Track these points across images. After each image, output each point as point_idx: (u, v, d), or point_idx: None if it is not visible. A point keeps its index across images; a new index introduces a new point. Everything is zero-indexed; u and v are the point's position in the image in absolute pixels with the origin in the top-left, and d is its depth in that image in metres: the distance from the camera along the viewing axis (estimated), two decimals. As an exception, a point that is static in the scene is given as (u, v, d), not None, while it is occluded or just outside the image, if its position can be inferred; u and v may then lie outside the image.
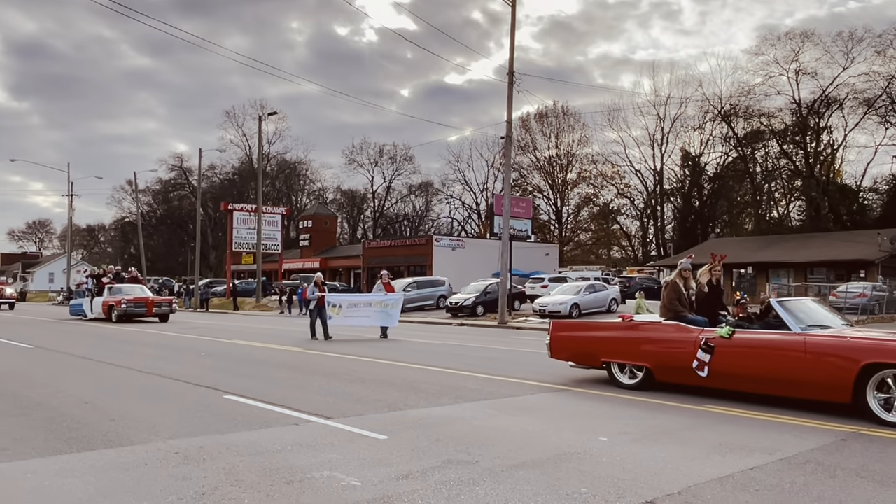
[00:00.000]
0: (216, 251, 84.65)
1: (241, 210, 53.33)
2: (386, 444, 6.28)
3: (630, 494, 4.86)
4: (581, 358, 10.49)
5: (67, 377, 10.77)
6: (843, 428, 7.23)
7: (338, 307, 18.57)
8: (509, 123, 29.49)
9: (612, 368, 9.98)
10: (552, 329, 10.91)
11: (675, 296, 9.59)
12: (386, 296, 19.24)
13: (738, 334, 8.68)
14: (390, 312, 18.73)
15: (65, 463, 5.56)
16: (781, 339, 8.29)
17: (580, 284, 33.00)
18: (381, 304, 18.78)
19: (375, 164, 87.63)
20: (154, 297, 29.18)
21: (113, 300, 26.69)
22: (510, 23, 29.11)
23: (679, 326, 9.27)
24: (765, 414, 7.98)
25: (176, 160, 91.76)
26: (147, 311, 26.77)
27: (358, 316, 18.74)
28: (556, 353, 10.70)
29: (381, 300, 18.97)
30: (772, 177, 61.68)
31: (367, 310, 18.80)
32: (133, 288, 28.40)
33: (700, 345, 8.78)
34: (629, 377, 9.76)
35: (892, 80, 50.43)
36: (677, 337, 9.18)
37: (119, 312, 26.13)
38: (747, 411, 8.15)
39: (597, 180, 73.06)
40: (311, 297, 18.52)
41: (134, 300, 26.71)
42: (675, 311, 9.52)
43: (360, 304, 19.18)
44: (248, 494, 4.77)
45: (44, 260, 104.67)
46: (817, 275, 39.25)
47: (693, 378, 8.90)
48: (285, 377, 10.78)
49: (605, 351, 10.01)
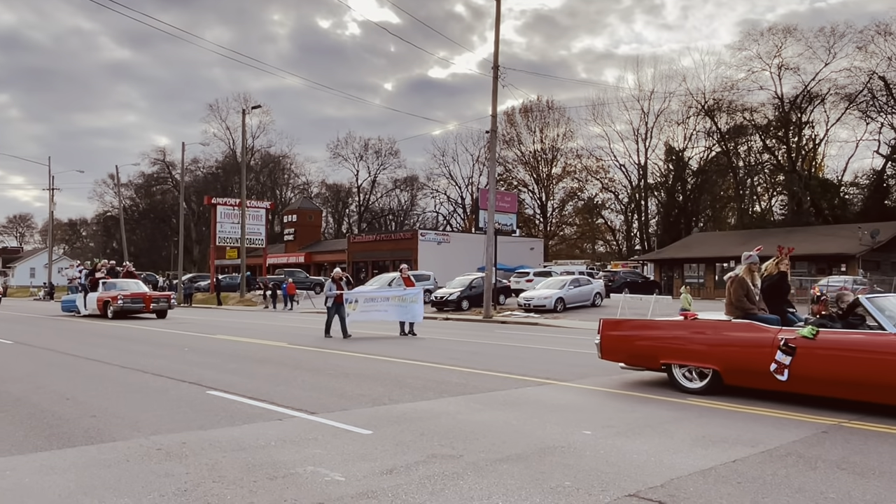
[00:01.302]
0: (200, 246, 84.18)
1: (224, 204, 52.98)
2: (370, 439, 6.26)
3: (613, 487, 4.88)
4: (637, 359, 9.69)
5: (48, 373, 10.65)
6: (825, 420, 7.30)
7: (354, 302, 17.93)
8: (494, 118, 29.48)
9: (672, 371, 9.15)
10: (603, 328, 9.98)
11: (742, 292, 8.84)
12: (405, 290, 18.51)
13: (823, 334, 7.90)
14: (409, 307, 18.09)
15: (45, 460, 5.49)
16: (876, 339, 7.54)
17: (565, 279, 33.13)
18: (399, 299, 18.13)
19: (360, 159, 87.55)
20: (151, 292, 28.06)
21: (108, 296, 25.58)
22: (495, 17, 29.09)
23: (752, 325, 8.50)
24: (747, 407, 8.04)
25: (158, 154, 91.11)
26: (144, 308, 25.83)
27: (375, 310, 18.10)
28: (608, 353, 9.88)
29: (400, 294, 18.32)
30: (754, 171, 62.22)
31: (385, 304, 18.15)
32: (128, 283, 27.38)
33: (779, 346, 8.01)
34: (693, 380, 8.96)
35: (873, 75, 50.95)
36: (751, 337, 8.40)
37: (115, 309, 25.09)
38: (730, 404, 8.21)
39: (581, 175, 73.46)
40: (330, 294, 17.62)
41: (131, 296, 25.68)
42: (744, 309, 8.77)
43: (378, 299, 18.51)
44: (231, 490, 4.74)
45: (25, 255, 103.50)
46: (799, 268, 39.57)
47: (770, 382, 8.14)
48: (269, 372, 10.73)
49: (666, 351, 9.16)
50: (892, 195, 55.00)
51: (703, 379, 8.85)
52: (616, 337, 9.86)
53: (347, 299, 17.69)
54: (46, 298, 55.36)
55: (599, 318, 10.48)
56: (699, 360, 8.83)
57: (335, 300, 17.42)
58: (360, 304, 18.03)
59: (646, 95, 65.73)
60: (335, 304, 17.42)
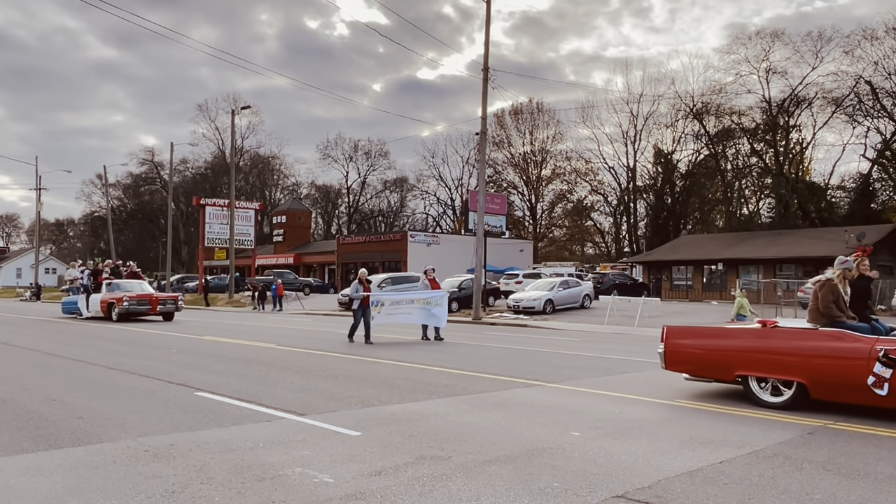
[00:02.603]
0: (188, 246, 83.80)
1: (213, 205, 52.75)
2: (359, 441, 6.26)
3: (601, 489, 4.90)
4: (706, 370, 8.90)
5: (34, 374, 10.58)
6: (811, 422, 7.36)
7: (380, 305, 16.93)
8: (484, 119, 29.52)
9: (749, 383, 8.41)
10: (667, 335, 9.21)
11: (832, 298, 8.28)
12: (430, 293, 17.74)
13: None
14: (433, 311, 17.33)
15: (31, 461, 5.46)
16: None
17: (554, 280, 33.20)
18: (424, 302, 17.36)
19: (350, 160, 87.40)
20: (158, 293, 26.83)
21: (113, 297, 24.25)
22: (485, 19, 29.14)
23: (844, 334, 7.87)
24: (734, 408, 8.09)
25: (147, 154, 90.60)
26: (151, 310, 24.49)
27: (399, 313, 17.22)
28: (674, 364, 9.13)
29: (425, 297, 17.50)
30: (742, 174, 62.56)
31: (410, 307, 17.31)
32: (132, 284, 26.03)
33: (877, 357, 7.35)
34: (773, 394, 8.25)
35: (860, 80, 51.36)
36: (843, 347, 7.75)
37: (120, 311, 23.79)
38: (717, 406, 8.26)
39: (571, 177, 73.63)
40: (356, 296, 16.60)
41: (137, 297, 24.33)
42: (832, 317, 8.19)
43: (403, 302, 17.54)
44: (219, 492, 4.73)
45: (11, 255, 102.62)
46: (786, 271, 39.88)
47: (867, 397, 7.47)
48: (258, 374, 10.70)
49: (742, 362, 8.40)
50: (878, 199, 55.46)
51: (785, 393, 8.16)
52: (683, 346, 9.10)
53: (373, 302, 16.77)
54: (33, 299, 54.92)
55: (663, 326, 9.59)
56: (782, 373, 8.10)
57: (361, 303, 16.51)
58: (386, 307, 17.09)
59: (634, 98, 66.01)
60: (361, 307, 16.51)
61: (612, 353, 15.07)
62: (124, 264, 30.30)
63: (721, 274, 43.85)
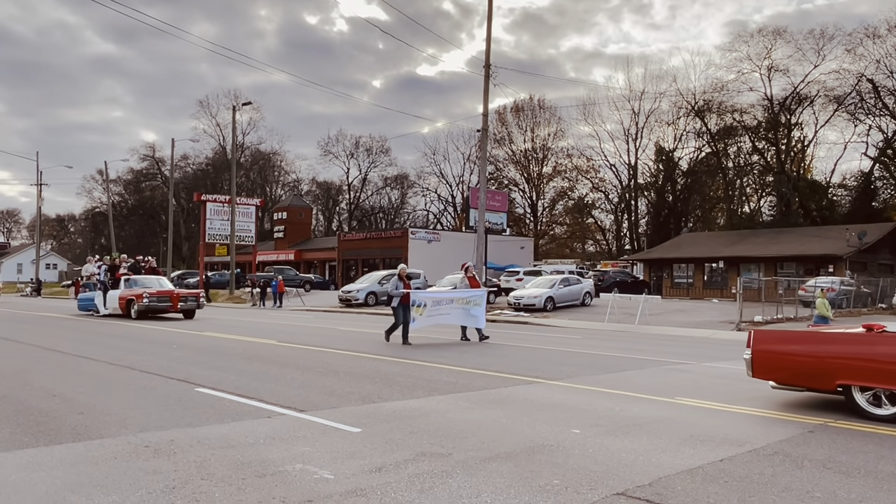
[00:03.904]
0: (189, 242, 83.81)
1: (214, 201, 52.67)
2: (359, 437, 6.26)
3: (602, 486, 4.90)
4: (803, 378, 8.08)
5: (35, 370, 10.58)
6: (811, 420, 7.36)
7: (422, 307, 15.73)
8: (485, 116, 29.50)
9: (853, 394, 7.65)
10: (755, 340, 8.37)
11: None
12: (470, 292, 16.78)
13: None
14: (472, 311, 16.43)
15: (32, 457, 5.46)
16: None
17: (555, 278, 33.18)
18: (464, 301, 16.44)
19: (351, 156, 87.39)
20: (179, 290, 25.61)
21: (132, 294, 23.06)
22: (487, 16, 29.08)
23: None
24: (735, 406, 8.09)
25: (148, 150, 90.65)
26: (171, 307, 23.30)
27: (440, 314, 16.15)
28: (762, 370, 8.28)
29: (465, 297, 16.57)
30: (744, 172, 62.52)
31: (449, 307, 16.31)
32: (151, 280, 24.83)
33: None
34: (882, 406, 7.51)
35: (862, 78, 51.30)
36: None
37: (140, 308, 22.62)
38: (718, 404, 8.26)
39: (572, 174, 73.60)
40: (395, 294, 15.52)
41: (157, 294, 23.15)
42: None
43: (444, 302, 16.46)
44: (220, 488, 4.73)
45: (12, 250, 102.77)
46: (787, 269, 39.86)
47: None
48: (258, 370, 10.70)
49: (845, 370, 7.64)
50: (879, 197, 55.43)
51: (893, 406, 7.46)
52: (774, 352, 8.28)
53: (415, 302, 15.64)
54: (33, 294, 54.96)
55: (750, 330, 8.84)
56: (892, 383, 7.33)
57: (401, 300, 15.42)
58: (428, 308, 15.84)
59: (636, 95, 65.98)
60: (401, 305, 15.40)
61: (612, 351, 15.08)
62: (143, 259, 29.08)
63: (722, 272, 43.84)
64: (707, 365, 12.81)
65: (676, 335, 21.08)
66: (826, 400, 8.02)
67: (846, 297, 30.11)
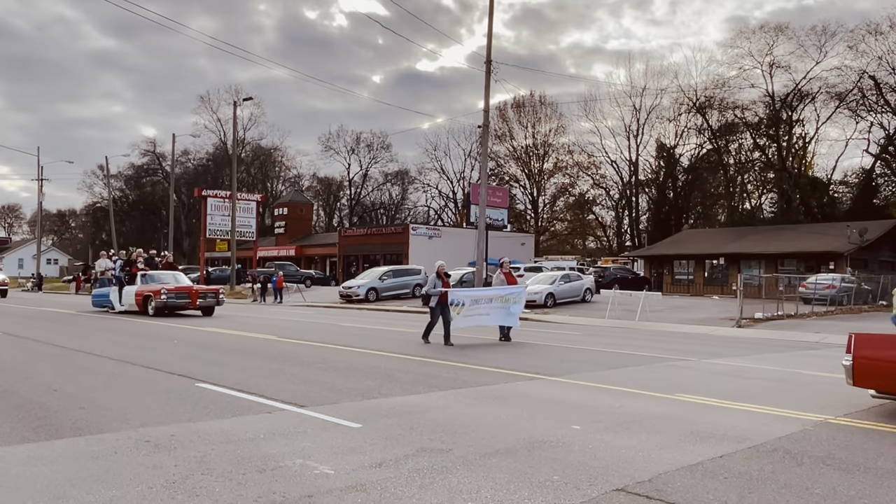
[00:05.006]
0: (190, 238, 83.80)
1: (215, 196, 52.67)
2: (359, 433, 6.27)
3: (601, 482, 4.91)
4: None
5: (35, 364, 10.59)
6: (811, 417, 7.36)
7: (460, 305, 15.02)
8: (486, 112, 29.45)
9: None
10: (856, 345, 7.57)
11: None
12: (509, 289, 15.91)
13: None
14: (512, 309, 15.60)
15: (32, 451, 5.47)
16: None
17: (555, 274, 33.19)
18: (503, 300, 15.52)
19: (352, 152, 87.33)
20: (198, 286, 24.59)
21: (150, 290, 22.10)
22: (488, 12, 29.01)
23: None
24: (734, 403, 8.09)
25: (148, 145, 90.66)
26: (190, 303, 22.30)
27: (478, 314, 15.26)
28: (867, 379, 7.47)
29: (504, 294, 15.64)
30: (745, 169, 62.46)
31: (488, 306, 15.40)
32: (167, 275, 23.79)
33: None
34: None
35: (864, 74, 51.19)
36: None
37: (158, 304, 21.65)
38: (718, 400, 8.26)
39: (573, 170, 73.48)
40: (434, 292, 14.65)
41: (175, 290, 22.19)
42: None
43: (482, 300, 15.56)
44: (220, 483, 4.73)
45: (13, 245, 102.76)
46: (788, 266, 39.83)
47: None
48: (259, 365, 10.71)
49: None
50: (880, 194, 55.36)
51: None
52: (881, 358, 7.48)
53: (453, 301, 14.88)
54: (34, 290, 55.00)
55: (850, 334, 7.84)
56: None
57: (439, 299, 14.59)
58: (466, 307, 15.09)
59: (637, 91, 65.82)
60: (439, 304, 14.57)
61: (612, 347, 15.08)
62: (159, 254, 27.95)
63: (722, 269, 43.81)
64: (707, 362, 12.82)
65: (677, 332, 21.09)
66: (826, 398, 8.02)
67: (847, 294, 30.09)
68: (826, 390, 9.26)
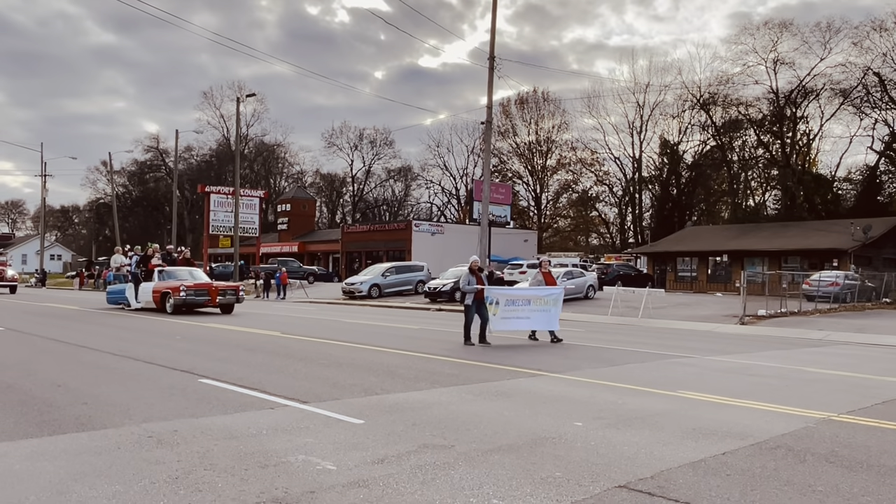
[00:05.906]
0: (193, 234, 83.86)
1: (218, 193, 52.83)
2: (362, 429, 6.27)
3: (603, 478, 4.91)
4: None
5: (39, 360, 10.62)
6: (813, 414, 7.35)
7: (495, 304, 14.18)
8: (490, 109, 29.43)
9: None
10: None
11: None
12: (547, 290, 15.26)
13: None
14: (551, 311, 14.94)
15: (36, 447, 5.48)
16: None
17: (558, 271, 33.14)
18: (542, 301, 14.91)
19: (355, 148, 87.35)
20: (217, 283, 23.53)
21: (168, 286, 21.33)
22: (492, 8, 28.95)
23: None
24: (737, 400, 8.08)
25: (152, 141, 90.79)
26: (210, 301, 21.49)
27: (516, 317, 14.62)
28: None
29: (543, 296, 14.99)
30: (748, 166, 62.35)
31: (527, 308, 14.74)
32: (183, 271, 23.04)
33: None
34: None
35: (868, 71, 51.03)
36: None
37: (176, 301, 20.84)
38: (721, 397, 8.25)
39: (576, 167, 73.43)
40: (468, 290, 14.08)
41: (194, 287, 21.33)
42: None
43: (519, 301, 14.84)
44: (223, 478, 4.74)
45: (17, 241, 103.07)
46: (791, 263, 39.77)
47: None
48: (261, 361, 10.72)
49: None
50: (884, 191, 55.21)
51: None
52: None
53: (488, 298, 14.12)
54: (38, 285, 55.11)
55: None
56: None
57: (475, 297, 14.06)
58: (501, 308, 14.32)
59: (640, 88, 65.70)
60: (475, 302, 14.06)
61: (615, 344, 15.07)
62: (176, 249, 27.06)
63: (726, 265, 43.77)
64: (710, 359, 12.81)
65: (680, 329, 21.07)
66: (829, 395, 8.01)
67: (850, 291, 30.03)
68: (829, 387, 9.25)
